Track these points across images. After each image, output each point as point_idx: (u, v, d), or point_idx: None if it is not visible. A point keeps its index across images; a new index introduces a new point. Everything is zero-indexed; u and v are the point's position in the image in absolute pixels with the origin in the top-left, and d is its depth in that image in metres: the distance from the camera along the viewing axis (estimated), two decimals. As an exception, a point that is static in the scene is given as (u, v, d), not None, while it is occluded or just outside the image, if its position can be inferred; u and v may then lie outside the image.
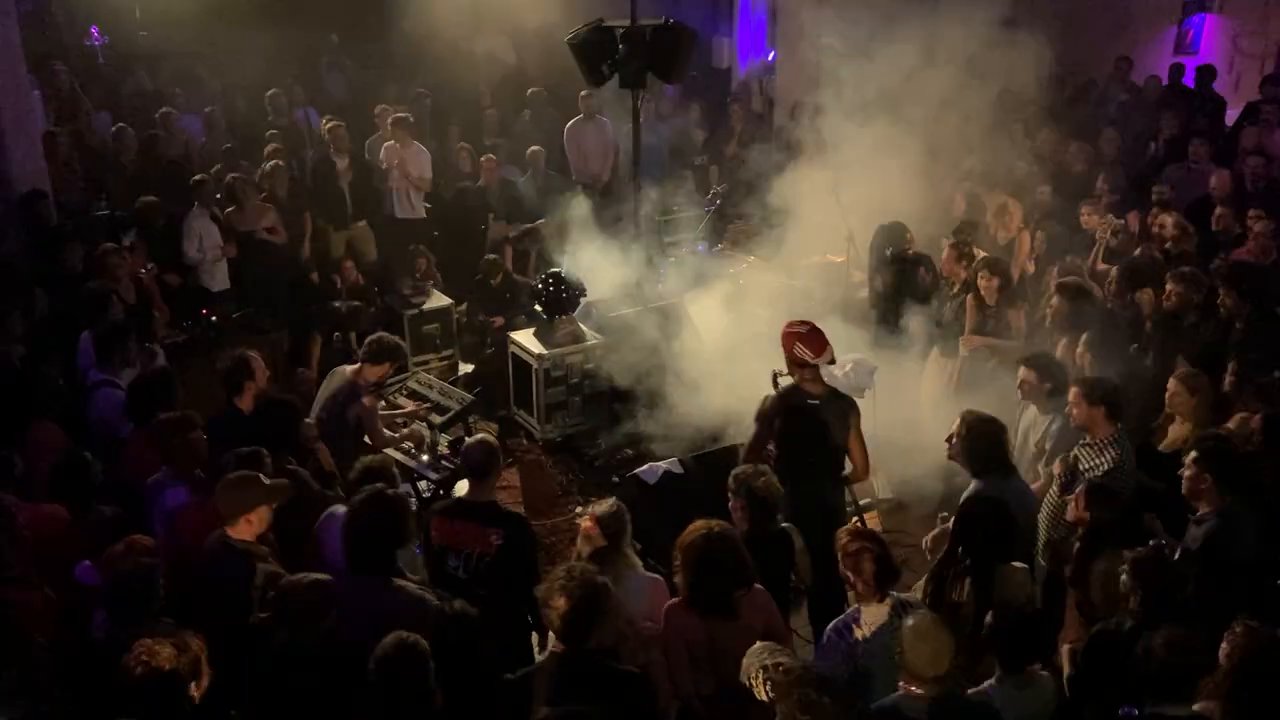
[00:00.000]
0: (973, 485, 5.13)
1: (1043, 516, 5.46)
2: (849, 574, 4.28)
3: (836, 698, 3.45)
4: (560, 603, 3.82)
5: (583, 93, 11.20)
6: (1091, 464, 5.32)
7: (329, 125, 10.92)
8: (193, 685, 3.63)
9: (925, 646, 3.69)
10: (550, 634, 4.04)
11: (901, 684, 3.79)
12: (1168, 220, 8.10)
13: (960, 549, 4.59)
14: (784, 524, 4.98)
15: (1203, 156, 9.69)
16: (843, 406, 5.66)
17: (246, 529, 4.55)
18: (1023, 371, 5.95)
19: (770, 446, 5.81)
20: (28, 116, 9.37)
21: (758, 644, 3.83)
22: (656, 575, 4.86)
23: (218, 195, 9.48)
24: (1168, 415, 5.94)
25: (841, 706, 3.44)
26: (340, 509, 4.91)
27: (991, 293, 7.40)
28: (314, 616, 3.95)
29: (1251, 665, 3.61)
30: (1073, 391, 5.46)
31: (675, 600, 4.35)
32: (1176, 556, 4.59)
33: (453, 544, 4.82)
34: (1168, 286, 6.83)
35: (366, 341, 6.57)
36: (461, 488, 5.70)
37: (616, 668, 3.92)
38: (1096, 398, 5.33)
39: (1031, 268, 8.76)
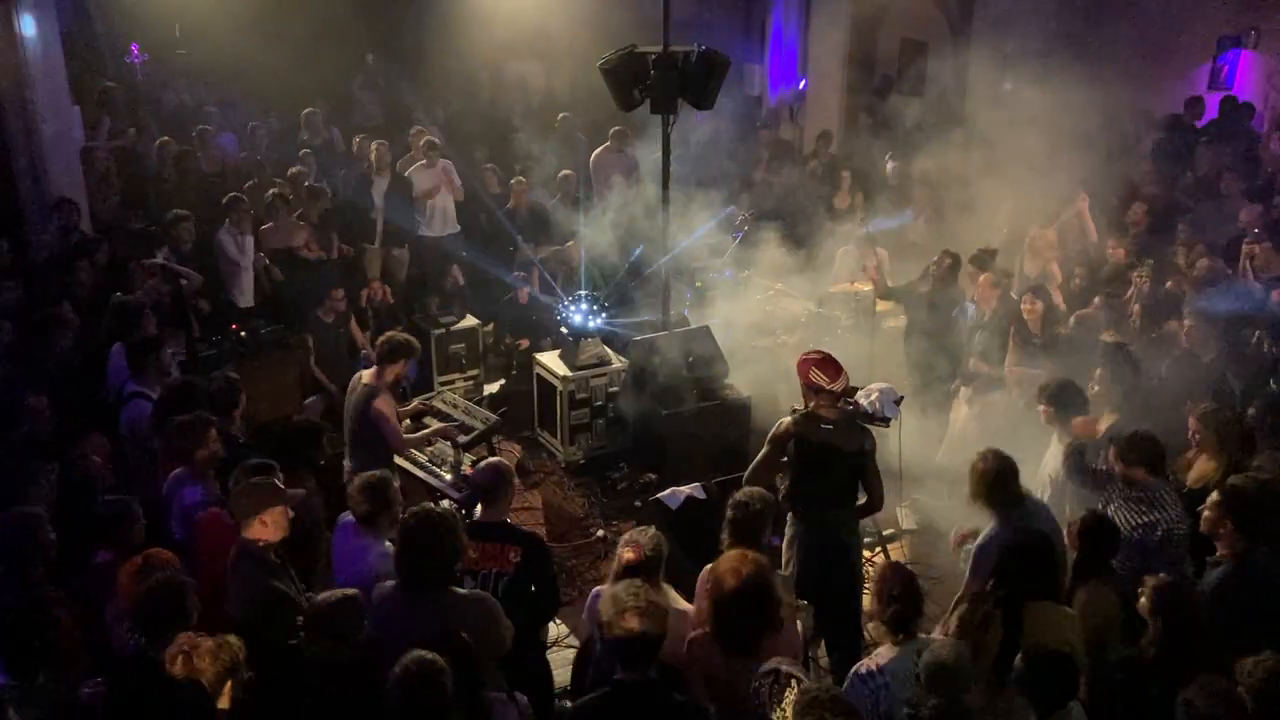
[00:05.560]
0: (991, 524, 5.00)
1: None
2: (876, 607, 4.21)
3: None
4: (632, 624, 3.65)
5: (615, 129, 11.34)
6: (1139, 522, 5.02)
7: (373, 144, 11.00)
8: (229, 684, 3.72)
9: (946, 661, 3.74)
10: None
11: None
12: (1204, 261, 8.01)
13: (995, 584, 4.51)
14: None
15: (1235, 191, 9.59)
16: (858, 435, 5.57)
17: (261, 530, 4.50)
18: (1040, 404, 5.86)
19: (781, 476, 5.77)
20: (67, 131, 9.55)
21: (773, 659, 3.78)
22: (688, 609, 4.65)
23: (251, 211, 9.55)
24: (1190, 449, 5.82)
25: None
26: (349, 516, 4.95)
27: (1036, 319, 7.22)
28: (346, 632, 3.96)
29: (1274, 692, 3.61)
30: (1112, 451, 5.24)
31: (699, 633, 4.25)
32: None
33: (471, 566, 4.77)
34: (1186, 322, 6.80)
35: (378, 344, 6.64)
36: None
37: (684, 701, 3.83)
38: (1136, 458, 5.10)
39: (1063, 305, 8.66)
